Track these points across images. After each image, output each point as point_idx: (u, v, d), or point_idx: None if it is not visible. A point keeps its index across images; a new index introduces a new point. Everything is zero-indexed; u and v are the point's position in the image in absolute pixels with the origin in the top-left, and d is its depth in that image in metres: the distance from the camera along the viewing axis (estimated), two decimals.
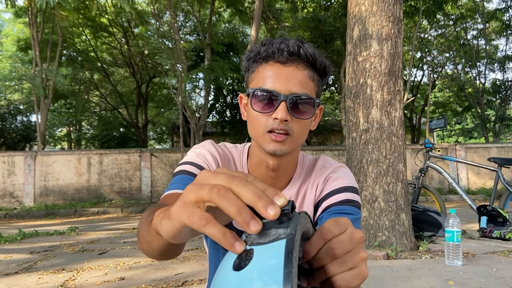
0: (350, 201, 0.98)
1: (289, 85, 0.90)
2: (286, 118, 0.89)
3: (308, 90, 0.92)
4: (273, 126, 0.90)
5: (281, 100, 0.89)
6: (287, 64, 0.91)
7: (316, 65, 0.93)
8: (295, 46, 0.91)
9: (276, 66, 0.92)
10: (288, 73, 0.91)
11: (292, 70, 0.91)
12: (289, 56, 0.91)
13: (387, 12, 4.15)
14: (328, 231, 0.51)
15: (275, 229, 0.42)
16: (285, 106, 0.89)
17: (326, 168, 1.05)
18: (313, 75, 0.93)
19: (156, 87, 21.41)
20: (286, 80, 0.90)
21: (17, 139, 19.42)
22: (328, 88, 21.48)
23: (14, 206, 11.39)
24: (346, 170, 1.05)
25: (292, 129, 0.91)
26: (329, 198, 0.99)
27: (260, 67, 0.94)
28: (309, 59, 0.92)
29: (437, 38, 18.68)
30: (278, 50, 0.91)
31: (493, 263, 3.40)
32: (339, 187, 1.00)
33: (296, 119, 0.91)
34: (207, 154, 1.03)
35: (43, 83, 13.17)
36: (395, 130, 4.12)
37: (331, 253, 0.50)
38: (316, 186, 1.03)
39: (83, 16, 15.84)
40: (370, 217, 4.03)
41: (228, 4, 15.06)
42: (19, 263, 4.12)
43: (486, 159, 5.84)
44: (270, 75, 0.92)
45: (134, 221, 8.21)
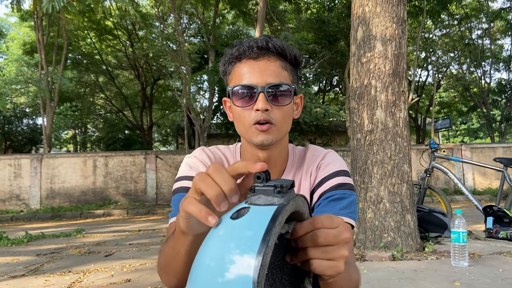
0: (343, 184, 1.03)
1: (264, 77, 0.95)
2: (267, 107, 0.94)
3: (283, 78, 0.97)
4: (256, 118, 0.94)
5: (259, 92, 0.94)
6: (259, 58, 0.97)
7: (286, 55, 0.99)
8: (263, 41, 0.97)
9: (249, 62, 0.97)
10: (261, 66, 0.96)
11: (264, 63, 0.96)
12: (259, 50, 0.97)
13: (391, 13, 4.14)
14: (318, 220, 0.59)
15: (271, 197, 0.53)
16: (263, 96, 0.94)
17: (316, 156, 1.09)
18: (285, 65, 0.99)
19: (161, 89, 21.46)
20: (260, 73, 0.95)
21: (23, 142, 19.54)
22: (332, 88, 21.46)
23: (21, 209, 11.45)
24: (334, 154, 1.11)
25: (275, 117, 0.95)
26: (323, 184, 1.03)
27: (235, 67, 1.00)
28: (279, 51, 0.98)
29: (442, 38, 18.60)
30: (248, 47, 0.97)
31: (500, 263, 3.38)
32: (331, 172, 1.05)
33: (276, 107, 0.96)
34: (199, 163, 1.07)
35: (48, 86, 13.25)
36: (400, 131, 4.11)
37: (315, 239, 0.59)
38: (310, 174, 1.07)
39: (88, 19, 15.94)
40: (376, 218, 4.02)
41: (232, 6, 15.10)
42: (26, 265, 4.15)
43: (492, 159, 5.81)
44: (245, 71, 0.97)
45: (140, 223, 8.24)
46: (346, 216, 0.98)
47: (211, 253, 0.49)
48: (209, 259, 0.49)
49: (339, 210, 0.98)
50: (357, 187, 4.17)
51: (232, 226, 0.50)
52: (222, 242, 0.49)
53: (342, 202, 1.00)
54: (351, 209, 1.00)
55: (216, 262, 0.48)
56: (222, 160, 1.10)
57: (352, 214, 1.00)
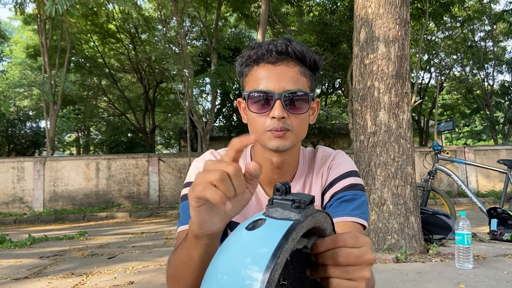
0: (354, 185, 1.02)
1: (282, 83, 0.92)
2: (283, 115, 0.92)
3: (301, 85, 0.94)
4: (272, 126, 0.93)
5: (276, 99, 0.92)
6: (277, 63, 0.94)
7: (306, 60, 0.96)
8: (283, 45, 0.94)
9: (267, 66, 0.94)
10: (279, 72, 0.93)
11: (282, 69, 0.93)
12: (278, 55, 0.93)
13: (394, 14, 4.14)
14: (341, 239, 0.56)
15: (289, 211, 0.52)
16: (280, 103, 0.91)
17: (326, 157, 1.09)
18: (304, 70, 0.96)
19: (163, 92, 21.52)
20: (278, 79, 0.93)
21: (26, 145, 19.61)
22: (335, 91, 21.46)
23: (24, 212, 11.48)
24: (344, 155, 1.10)
25: (291, 124, 0.94)
26: (334, 185, 1.03)
27: (252, 70, 0.97)
28: (298, 56, 0.95)
29: (444, 40, 18.59)
30: (267, 51, 0.94)
31: (504, 266, 3.36)
32: (342, 173, 1.04)
33: (293, 115, 0.94)
34: None
35: (52, 89, 13.30)
36: (403, 133, 4.10)
37: (335, 258, 0.56)
38: (321, 175, 1.07)
39: (91, 23, 16.01)
40: (379, 220, 4.00)
41: (234, 9, 15.13)
42: (29, 267, 4.15)
43: (495, 161, 5.80)
44: (262, 76, 0.94)
45: (142, 225, 8.24)
46: (358, 217, 0.98)
47: (224, 263, 0.49)
48: (221, 270, 0.49)
49: (351, 210, 0.98)
50: None
51: (247, 237, 0.50)
52: (235, 253, 0.49)
53: (354, 203, 1.00)
54: (362, 209, 1.00)
55: (227, 274, 0.48)
56: None
57: (364, 215, 1.00)
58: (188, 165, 11.70)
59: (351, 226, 0.97)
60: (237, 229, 0.53)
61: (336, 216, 0.98)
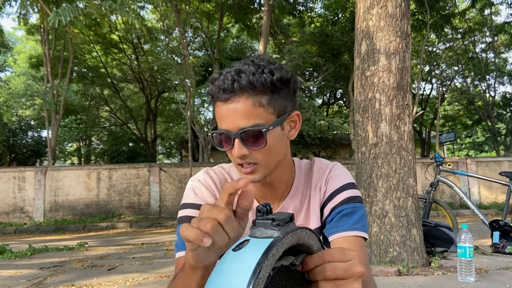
0: (353, 198, 1.03)
1: (236, 122, 0.91)
2: (244, 153, 0.92)
3: (257, 118, 0.91)
4: (238, 161, 0.94)
5: (233, 138, 0.92)
6: (228, 101, 0.91)
7: (258, 89, 0.91)
8: (229, 82, 0.90)
9: (221, 105, 0.93)
10: (231, 110, 0.91)
11: (234, 106, 0.91)
12: (227, 94, 0.91)
13: (394, 27, 4.16)
14: (328, 254, 0.58)
15: (270, 229, 0.55)
16: (239, 142, 0.91)
17: (323, 170, 1.09)
18: (259, 99, 0.91)
19: (165, 102, 21.59)
20: (232, 117, 0.91)
21: (27, 155, 19.62)
22: (336, 101, 21.50)
23: (24, 221, 11.45)
24: (340, 167, 1.10)
25: (256, 158, 0.94)
26: (333, 198, 1.04)
27: (215, 106, 0.97)
28: (246, 89, 0.90)
29: (446, 52, 18.65)
30: (218, 89, 0.92)
31: (506, 279, 3.33)
32: (340, 185, 1.05)
33: (254, 150, 0.93)
34: (204, 189, 1.07)
35: (54, 99, 13.35)
36: (405, 144, 4.10)
37: (323, 273, 0.58)
38: (319, 189, 1.07)
39: (94, 33, 16.12)
40: (381, 232, 3.98)
41: (236, 20, 15.24)
42: (29, 278, 4.13)
43: (497, 173, 5.77)
44: (220, 115, 0.94)
45: (143, 236, 8.20)
46: (359, 230, 0.99)
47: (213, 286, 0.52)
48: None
49: (352, 225, 0.99)
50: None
51: (232, 257, 0.53)
52: (222, 274, 0.52)
53: (354, 216, 1.01)
54: (363, 222, 1.01)
55: None
56: (226, 181, 1.10)
57: (364, 227, 1.01)
58: (189, 175, 11.69)
59: (353, 240, 0.98)
60: (226, 252, 0.56)
61: (339, 231, 0.99)
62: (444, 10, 14.68)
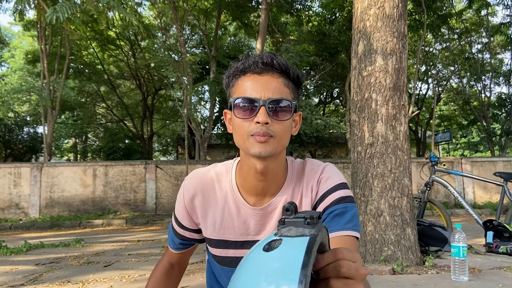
0: (344, 198, 1.06)
1: (266, 92, 0.98)
2: (267, 121, 0.96)
3: (284, 95, 1.00)
4: (256, 130, 0.97)
5: (260, 105, 0.97)
6: (262, 74, 1.00)
7: (289, 73, 1.02)
8: (268, 58, 1.00)
9: (253, 76, 1.00)
10: (264, 81, 0.99)
11: (267, 79, 1.00)
12: (264, 66, 1.00)
13: (391, 27, 4.19)
14: (340, 252, 0.59)
15: (302, 228, 0.54)
16: (264, 110, 0.96)
17: (315, 170, 1.11)
18: (288, 82, 1.02)
19: (162, 99, 21.55)
20: (263, 87, 0.99)
21: (23, 151, 19.55)
22: (333, 100, 21.54)
23: (20, 218, 11.43)
24: (333, 168, 1.13)
25: (274, 130, 0.98)
26: (325, 199, 1.06)
27: (239, 80, 1.03)
28: (283, 68, 1.01)
29: (442, 52, 18.71)
30: (253, 62, 1.00)
31: (500, 278, 3.37)
32: (332, 186, 1.07)
33: (276, 121, 0.98)
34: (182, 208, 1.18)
35: (50, 95, 13.30)
36: (400, 144, 4.13)
37: (338, 269, 0.58)
38: (311, 189, 1.09)
39: (91, 30, 16.06)
40: (376, 231, 4.02)
41: (234, 18, 15.22)
42: (25, 274, 4.14)
43: (492, 173, 5.82)
44: (248, 85, 1.00)
45: (139, 233, 8.21)
46: (351, 230, 1.01)
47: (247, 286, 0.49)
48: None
49: (344, 224, 1.01)
50: (357, 200, 4.18)
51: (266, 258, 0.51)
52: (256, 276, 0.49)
53: (346, 216, 1.02)
54: (354, 222, 1.03)
55: None
56: (210, 185, 1.14)
57: (357, 227, 1.03)
58: (185, 172, 11.70)
59: (346, 239, 1.00)
60: (252, 252, 0.55)
61: (331, 231, 1.00)
62: (441, 11, 14.71)
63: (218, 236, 1.13)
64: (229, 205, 1.11)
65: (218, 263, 1.17)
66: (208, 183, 1.14)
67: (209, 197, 1.13)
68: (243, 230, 1.10)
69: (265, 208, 1.08)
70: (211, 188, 1.13)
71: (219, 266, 1.18)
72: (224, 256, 1.14)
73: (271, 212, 1.08)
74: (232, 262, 1.13)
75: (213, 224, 1.13)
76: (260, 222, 1.09)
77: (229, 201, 1.11)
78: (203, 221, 1.15)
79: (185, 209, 1.16)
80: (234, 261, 1.13)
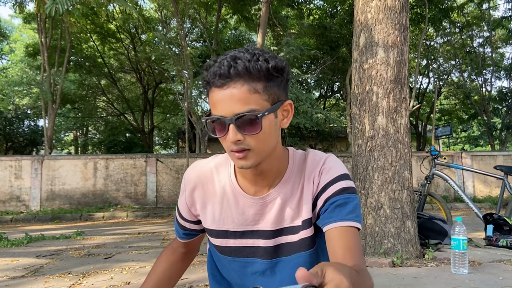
0: (346, 188, 1.04)
1: (231, 107, 0.92)
2: (238, 139, 0.93)
3: (252, 104, 0.92)
4: (231, 147, 0.95)
5: (228, 124, 0.93)
6: (224, 87, 0.92)
7: (254, 75, 0.92)
8: (225, 68, 0.92)
9: (216, 91, 0.94)
10: (227, 95, 0.92)
11: (230, 91, 0.92)
12: (223, 80, 0.92)
13: (393, 20, 4.17)
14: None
15: None
16: (233, 127, 0.92)
17: (317, 161, 1.09)
18: (254, 86, 0.93)
19: (162, 93, 21.54)
20: (227, 103, 0.92)
21: (24, 144, 19.58)
22: (333, 94, 21.51)
23: (21, 210, 11.46)
24: (334, 158, 1.11)
25: (249, 144, 0.95)
26: (327, 189, 1.05)
27: (210, 93, 0.97)
28: (242, 75, 0.92)
29: (443, 46, 18.66)
30: (213, 75, 0.93)
31: (500, 271, 3.38)
32: (334, 177, 1.06)
33: (249, 136, 0.94)
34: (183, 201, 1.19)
35: (51, 88, 13.29)
36: (401, 137, 4.12)
37: None
38: (313, 180, 1.08)
39: (91, 22, 16.02)
40: (376, 224, 4.02)
41: (234, 11, 15.18)
42: (25, 266, 4.15)
43: (492, 167, 5.83)
44: (215, 101, 0.95)
45: (140, 225, 8.24)
46: (353, 221, 1.01)
47: None
48: None
49: (345, 215, 1.01)
50: (358, 193, 4.18)
51: None
52: None
53: (348, 207, 1.02)
54: (356, 212, 1.02)
55: None
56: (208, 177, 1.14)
57: (358, 218, 1.02)
58: (186, 166, 11.70)
59: (347, 230, 0.99)
60: None
61: (333, 222, 1.00)
62: (443, 4, 14.66)
63: (218, 226, 1.13)
64: (228, 195, 1.11)
65: (220, 252, 1.18)
66: (207, 174, 1.14)
67: (208, 189, 1.14)
68: (242, 220, 1.10)
69: (264, 198, 1.08)
70: (210, 179, 1.14)
71: (221, 256, 1.19)
72: (224, 246, 1.14)
73: (270, 202, 1.08)
74: (232, 251, 1.14)
75: (212, 215, 1.13)
76: (259, 212, 1.09)
77: (227, 191, 1.11)
78: (203, 213, 1.15)
79: (185, 202, 1.17)
80: (235, 251, 1.13)
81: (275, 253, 1.11)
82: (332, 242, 0.99)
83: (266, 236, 1.10)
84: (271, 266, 1.12)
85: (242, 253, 1.13)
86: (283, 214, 1.08)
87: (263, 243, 1.10)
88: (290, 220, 1.09)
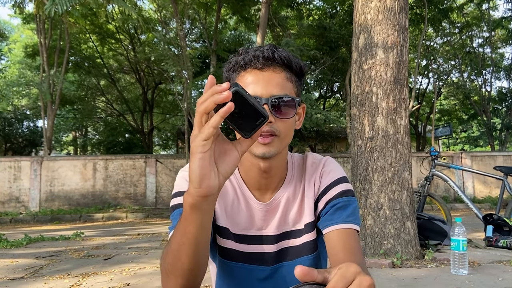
0: (346, 191, 1.05)
1: (268, 88, 0.95)
2: (271, 120, 0.93)
3: (287, 90, 0.97)
4: None
5: (263, 103, 0.93)
6: (264, 69, 0.96)
7: (292, 66, 0.98)
8: (269, 51, 0.96)
9: (254, 72, 0.97)
10: (266, 77, 0.95)
11: (269, 74, 0.96)
12: (265, 61, 0.96)
13: (392, 20, 4.16)
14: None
15: None
16: (268, 108, 0.93)
17: (317, 164, 1.10)
18: (290, 76, 0.99)
19: (162, 93, 21.51)
20: (265, 84, 0.95)
21: (23, 144, 19.56)
22: (333, 94, 21.50)
23: (20, 211, 11.44)
24: (333, 161, 1.12)
25: (278, 129, 0.95)
26: (327, 192, 1.06)
27: (240, 76, 0.99)
28: (284, 62, 0.97)
29: (443, 46, 18.66)
30: (254, 57, 0.96)
31: (499, 272, 3.38)
32: (334, 180, 1.07)
33: (280, 120, 0.95)
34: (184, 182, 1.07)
35: (50, 88, 13.28)
36: (401, 138, 4.12)
37: None
38: (314, 183, 1.08)
39: (90, 23, 16.00)
40: (375, 225, 4.02)
41: (234, 12, 15.17)
42: (25, 268, 4.14)
43: (492, 167, 5.83)
44: (250, 81, 0.96)
45: (139, 226, 8.23)
46: (352, 223, 1.01)
47: None
48: None
49: (346, 217, 1.01)
50: (358, 194, 4.18)
51: None
52: None
53: (348, 210, 1.03)
54: (356, 215, 1.03)
55: None
56: None
57: (357, 220, 1.03)
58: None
59: (347, 232, 1.00)
60: None
61: (333, 224, 1.01)
62: (442, 4, 14.66)
63: (223, 224, 1.10)
64: (238, 197, 1.09)
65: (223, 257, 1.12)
66: None
67: None
68: (247, 223, 1.08)
69: (269, 204, 1.07)
70: None
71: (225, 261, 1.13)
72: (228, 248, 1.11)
73: (274, 208, 1.07)
74: (228, 254, 1.10)
75: (222, 211, 1.09)
76: (263, 218, 1.07)
77: (238, 193, 1.09)
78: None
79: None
80: (229, 254, 1.09)
81: (277, 258, 1.09)
82: (332, 244, 0.99)
83: (270, 241, 1.08)
84: (273, 272, 1.09)
85: (245, 259, 1.09)
86: (286, 217, 1.08)
87: (267, 249, 1.08)
88: (293, 223, 1.08)
